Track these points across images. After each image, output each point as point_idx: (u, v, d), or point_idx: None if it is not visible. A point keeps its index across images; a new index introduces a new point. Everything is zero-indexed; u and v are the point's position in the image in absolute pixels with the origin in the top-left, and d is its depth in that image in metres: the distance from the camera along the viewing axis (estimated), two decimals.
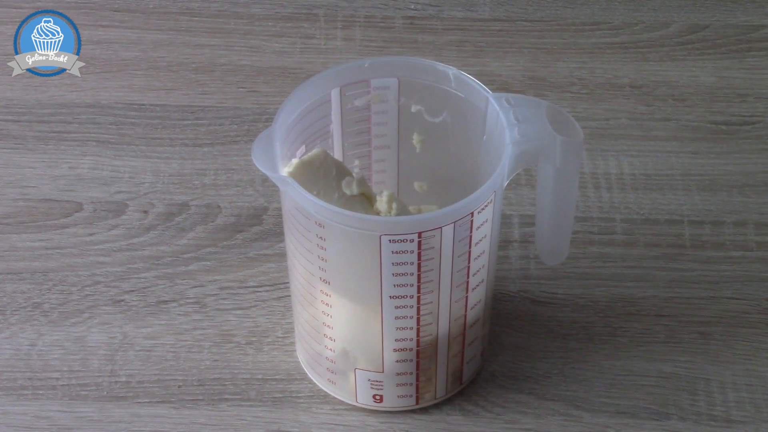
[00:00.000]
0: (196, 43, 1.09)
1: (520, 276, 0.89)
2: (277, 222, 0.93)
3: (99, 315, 0.87)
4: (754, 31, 1.10)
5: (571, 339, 0.86)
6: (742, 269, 0.90)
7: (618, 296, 0.88)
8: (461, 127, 0.79)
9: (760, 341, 0.85)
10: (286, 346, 0.85)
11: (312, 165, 0.75)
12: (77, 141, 1.00)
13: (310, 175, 0.75)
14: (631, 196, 0.95)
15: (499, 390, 0.83)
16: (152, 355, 0.85)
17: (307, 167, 0.75)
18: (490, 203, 0.72)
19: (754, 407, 0.82)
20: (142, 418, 0.81)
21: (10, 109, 1.03)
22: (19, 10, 1.10)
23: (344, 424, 0.81)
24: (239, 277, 0.90)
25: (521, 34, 1.10)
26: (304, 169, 0.75)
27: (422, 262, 0.72)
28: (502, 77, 1.06)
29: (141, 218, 0.94)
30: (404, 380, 0.79)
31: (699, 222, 0.93)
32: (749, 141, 1.00)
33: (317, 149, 0.76)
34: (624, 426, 0.81)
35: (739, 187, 0.96)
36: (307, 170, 0.75)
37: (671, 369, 0.84)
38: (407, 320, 0.75)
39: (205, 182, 0.97)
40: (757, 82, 1.05)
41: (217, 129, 1.01)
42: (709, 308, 0.87)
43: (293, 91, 0.76)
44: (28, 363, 0.84)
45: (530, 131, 0.73)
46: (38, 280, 0.89)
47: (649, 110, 1.02)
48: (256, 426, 0.81)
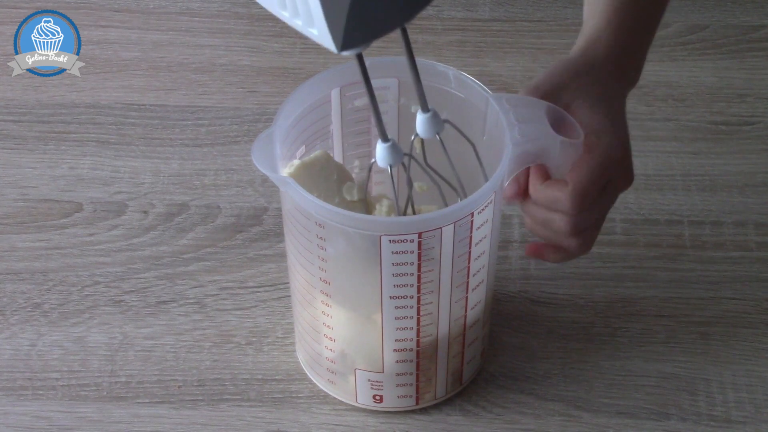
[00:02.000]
0: (196, 43, 1.09)
1: (520, 276, 0.89)
2: (277, 222, 0.93)
3: (99, 315, 0.87)
4: (754, 31, 1.10)
5: (571, 339, 0.86)
6: (742, 269, 0.90)
7: (618, 296, 0.88)
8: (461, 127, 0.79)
9: (760, 341, 0.85)
10: (286, 346, 0.85)
11: (313, 167, 0.75)
12: (77, 141, 1.00)
13: (310, 177, 0.75)
14: (631, 196, 0.95)
15: (499, 390, 0.83)
16: (152, 355, 0.85)
17: (308, 169, 0.75)
18: (490, 203, 0.72)
19: (754, 407, 0.82)
20: (142, 418, 0.81)
21: (10, 109, 1.03)
22: (19, 10, 1.10)
23: (344, 425, 0.81)
24: (239, 277, 0.90)
25: (521, 34, 1.10)
26: (305, 170, 0.75)
27: (422, 262, 0.71)
28: (502, 77, 1.06)
29: (141, 218, 0.94)
30: (404, 380, 0.79)
31: (699, 222, 0.93)
32: (749, 141, 1.00)
33: (319, 151, 0.76)
34: (624, 426, 0.81)
35: (739, 187, 0.96)
36: (308, 172, 0.75)
37: (671, 369, 0.84)
38: (407, 320, 0.75)
39: (205, 182, 0.97)
40: (757, 82, 1.05)
41: (217, 129, 1.01)
42: (709, 308, 0.87)
43: (293, 91, 0.76)
44: (28, 363, 0.84)
45: (530, 131, 0.73)
46: (38, 280, 0.89)
47: (649, 110, 1.02)
48: (256, 426, 0.81)
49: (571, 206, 0.72)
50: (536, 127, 0.73)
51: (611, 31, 0.79)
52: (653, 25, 0.83)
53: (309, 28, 0.63)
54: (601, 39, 0.79)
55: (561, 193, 0.72)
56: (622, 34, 0.79)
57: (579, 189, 0.72)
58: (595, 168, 0.73)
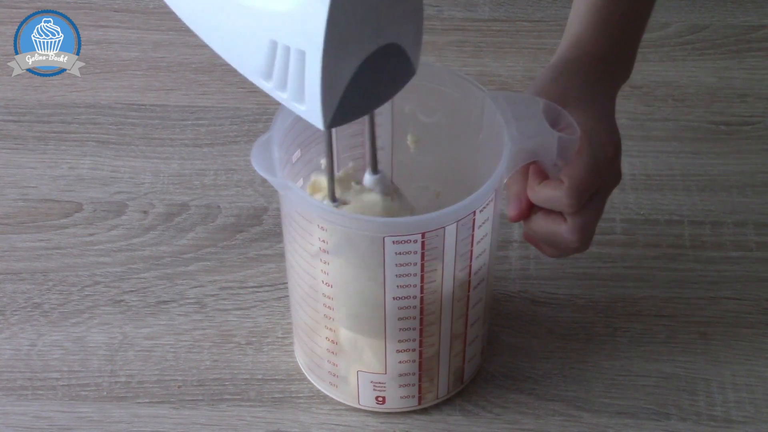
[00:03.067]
0: (196, 43, 1.08)
1: (520, 276, 0.89)
2: (277, 222, 0.93)
3: (99, 315, 0.87)
4: (754, 31, 1.10)
5: (571, 339, 0.86)
6: (742, 269, 0.90)
7: (618, 296, 0.88)
8: (456, 126, 0.79)
9: (760, 341, 0.85)
10: (286, 346, 0.85)
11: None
12: (77, 141, 1.00)
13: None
14: (631, 196, 0.95)
15: (499, 390, 0.83)
16: (152, 355, 0.85)
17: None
18: (491, 201, 0.72)
19: (754, 407, 0.82)
20: (142, 418, 0.81)
21: (10, 109, 1.03)
22: (19, 10, 1.10)
23: (344, 425, 0.81)
24: (239, 277, 0.90)
25: (521, 34, 1.10)
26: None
27: (425, 262, 0.71)
28: (502, 77, 1.06)
29: (141, 218, 0.94)
30: (407, 381, 0.79)
31: (699, 222, 0.93)
32: (749, 141, 1.00)
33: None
34: (624, 426, 0.80)
35: (739, 187, 0.96)
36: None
37: (671, 369, 0.84)
38: (410, 321, 0.75)
39: (205, 182, 0.97)
40: (757, 82, 1.05)
41: (217, 129, 1.01)
42: (709, 308, 0.87)
43: None
44: (28, 363, 0.84)
45: (528, 128, 0.73)
46: (38, 280, 0.89)
47: (649, 110, 1.02)
48: (256, 426, 0.81)
49: (568, 203, 0.73)
50: (533, 124, 0.73)
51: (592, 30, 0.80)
52: (639, 18, 0.83)
53: (295, 104, 0.63)
54: (581, 39, 0.80)
55: (558, 191, 0.73)
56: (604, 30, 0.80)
57: (575, 185, 0.73)
58: (590, 165, 0.73)
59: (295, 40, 0.61)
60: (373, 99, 0.66)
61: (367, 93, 0.64)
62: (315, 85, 0.61)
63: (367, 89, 0.64)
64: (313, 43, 0.60)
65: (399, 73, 0.66)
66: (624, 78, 0.82)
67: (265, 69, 0.63)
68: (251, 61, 0.64)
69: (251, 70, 0.64)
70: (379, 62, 0.63)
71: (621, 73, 0.82)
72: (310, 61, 0.61)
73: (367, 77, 0.63)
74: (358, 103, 0.64)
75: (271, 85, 0.64)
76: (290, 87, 0.63)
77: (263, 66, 0.63)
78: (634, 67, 0.83)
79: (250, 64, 0.64)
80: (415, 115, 0.80)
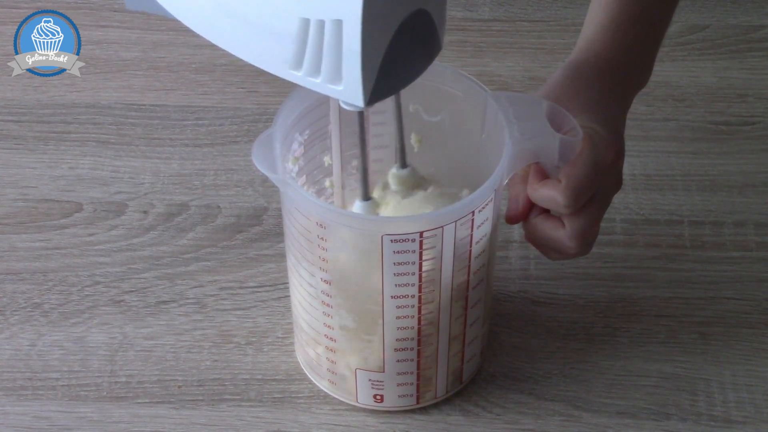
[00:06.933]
0: (196, 43, 1.09)
1: (520, 276, 0.89)
2: (277, 222, 0.93)
3: (99, 315, 0.87)
4: (754, 31, 1.10)
5: (571, 339, 0.86)
6: (742, 269, 0.90)
7: (618, 296, 0.88)
8: (459, 125, 0.79)
9: (760, 341, 0.85)
10: (286, 346, 0.85)
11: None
12: (77, 141, 1.00)
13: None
14: (631, 196, 0.95)
15: (499, 390, 0.83)
16: (152, 355, 0.85)
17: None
18: (490, 202, 0.72)
19: (754, 407, 0.82)
20: (142, 418, 0.81)
21: (10, 109, 1.03)
22: (19, 10, 1.10)
23: (344, 425, 0.81)
24: (239, 277, 0.90)
25: (521, 34, 1.10)
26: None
27: (423, 261, 0.71)
28: (502, 77, 1.06)
29: (141, 218, 0.94)
30: (405, 380, 0.79)
31: (699, 222, 0.93)
32: (749, 141, 1.00)
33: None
34: (624, 426, 0.80)
35: (739, 187, 0.96)
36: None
37: (671, 369, 0.84)
38: (408, 320, 0.75)
39: (205, 182, 0.97)
40: (757, 82, 1.05)
41: (217, 129, 1.01)
42: (709, 308, 0.87)
43: (293, 91, 0.76)
44: (28, 363, 0.84)
45: (529, 129, 0.73)
46: (38, 280, 0.89)
47: (649, 110, 1.02)
48: (256, 426, 0.81)
49: (565, 203, 0.73)
50: (535, 125, 0.73)
51: (603, 33, 0.79)
52: (655, 23, 0.83)
53: (331, 86, 0.62)
54: (594, 42, 0.79)
55: (556, 191, 0.73)
56: (616, 34, 0.79)
57: (573, 185, 0.73)
58: (589, 166, 0.73)
59: (331, 9, 0.60)
60: (406, 73, 0.65)
61: (401, 67, 0.64)
62: (354, 56, 0.60)
63: (401, 62, 0.63)
64: (350, 8, 0.59)
65: (428, 47, 0.65)
66: (639, 83, 0.82)
67: (295, 55, 0.62)
68: (278, 51, 0.62)
69: (278, 62, 0.63)
70: (411, 32, 0.63)
71: (635, 78, 0.82)
72: (347, 30, 0.60)
73: (400, 49, 0.62)
74: (394, 77, 0.63)
75: (302, 73, 0.63)
76: (325, 67, 0.62)
77: (293, 52, 0.62)
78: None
79: (277, 55, 0.63)
80: (419, 114, 0.80)
